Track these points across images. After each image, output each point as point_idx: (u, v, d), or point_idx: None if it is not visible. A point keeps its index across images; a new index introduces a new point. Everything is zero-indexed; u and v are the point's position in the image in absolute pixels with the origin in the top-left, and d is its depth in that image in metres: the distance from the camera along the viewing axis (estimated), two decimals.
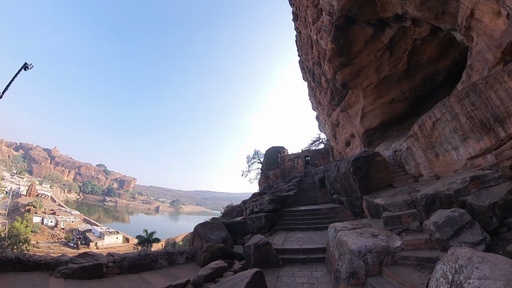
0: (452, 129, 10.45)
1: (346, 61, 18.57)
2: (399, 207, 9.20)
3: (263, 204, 15.12)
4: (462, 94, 10.02)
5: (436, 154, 11.48)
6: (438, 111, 10.98)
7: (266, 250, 10.07)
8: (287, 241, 12.18)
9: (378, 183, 12.59)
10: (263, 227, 14.08)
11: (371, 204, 11.03)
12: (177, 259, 10.95)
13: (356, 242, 6.96)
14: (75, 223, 73.14)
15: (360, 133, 20.04)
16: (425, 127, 11.75)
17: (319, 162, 32.41)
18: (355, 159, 12.31)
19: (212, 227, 13.53)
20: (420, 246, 6.89)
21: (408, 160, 13.55)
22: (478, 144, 9.66)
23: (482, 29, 11.05)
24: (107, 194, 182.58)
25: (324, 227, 13.72)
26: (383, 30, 17.23)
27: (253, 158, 42.22)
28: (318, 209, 15.43)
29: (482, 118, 9.42)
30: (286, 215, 15.55)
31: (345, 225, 9.03)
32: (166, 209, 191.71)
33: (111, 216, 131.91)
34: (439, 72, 17.60)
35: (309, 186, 21.62)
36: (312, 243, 11.43)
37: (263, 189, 27.51)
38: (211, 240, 11.33)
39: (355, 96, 20.29)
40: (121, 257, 9.86)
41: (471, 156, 9.94)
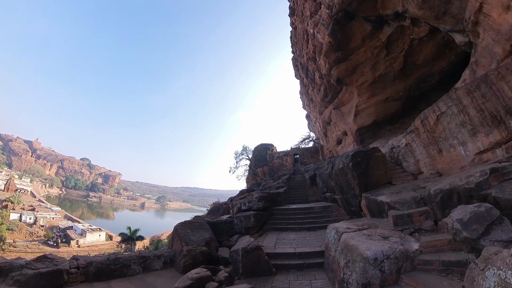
0: (459, 123, 9.51)
1: (343, 57, 17.61)
2: (408, 205, 8.09)
3: (252, 201, 13.70)
4: (473, 86, 9.11)
5: (440, 149, 10.53)
6: (444, 104, 10.03)
7: (257, 255, 8.45)
8: (280, 243, 10.69)
9: (377, 180, 11.51)
10: (252, 227, 12.64)
11: (372, 202, 9.90)
12: (153, 264, 9.59)
13: (370, 247, 5.66)
14: (56, 220, 68.52)
15: (353, 131, 19.11)
16: (428, 122, 10.79)
17: (308, 161, 31.39)
18: (355, 153, 11.19)
19: (194, 227, 12.01)
20: (442, 248, 5.73)
21: (407, 157, 12.59)
22: (487, 138, 8.78)
23: (489, 24, 10.31)
24: (91, 190, 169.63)
25: (318, 227, 12.59)
26: (381, 27, 16.46)
27: (241, 154, 40.49)
28: (310, 207, 14.21)
29: (493, 111, 8.61)
30: (277, 214, 14.23)
31: (349, 225, 7.75)
32: (152, 206, 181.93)
33: (95, 213, 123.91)
34: (433, 74, 17.04)
35: (299, 183, 20.45)
36: (307, 246, 10.03)
37: (251, 186, 26.12)
38: (193, 242, 9.91)
39: (348, 94, 19.37)
40: (87, 262, 8.31)
41: (480, 150, 9.03)
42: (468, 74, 11.98)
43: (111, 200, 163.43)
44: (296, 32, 22.58)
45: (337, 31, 16.98)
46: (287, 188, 18.33)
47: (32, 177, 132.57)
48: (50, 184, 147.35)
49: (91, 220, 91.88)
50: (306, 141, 39.12)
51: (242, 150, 40.29)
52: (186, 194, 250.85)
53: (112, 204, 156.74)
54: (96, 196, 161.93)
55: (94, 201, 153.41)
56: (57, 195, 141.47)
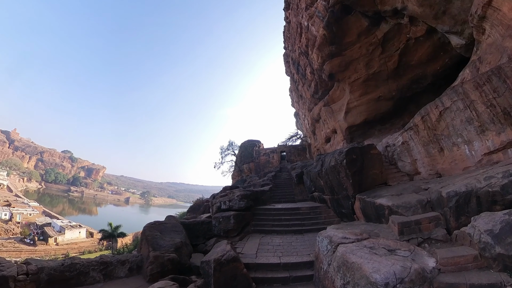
0: (465, 119, 8.32)
1: (337, 51, 16.37)
2: (413, 210, 6.80)
3: (233, 200, 12.08)
4: (482, 80, 7.93)
5: (441, 148, 9.34)
6: (448, 98, 8.84)
7: (233, 268, 6.95)
8: (262, 250, 9.13)
9: (373, 180, 10.26)
10: (231, 229, 11.00)
11: (369, 206, 8.58)
12: (117, 270, 8.20)
13: (378, 268, 4.24)
14: (33, 216, 62.92)
15: (343, 129, 17.89)
16: (429, 118, 9.59)
17: (295, 158, 30.03)
18: (350, 150, 9.87)
19: (165, 228, 10.36)
20: (466, 266, 4.41)
21: (402, 156, 11.38)
22: (498, 136, 7.60)
23: (498, 19, 9.30)
24: (72, 184, 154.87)
25: (305, 230, 11.27)
26: (378, 24, 15.41)
27: (227, 150, 38.04)
28: (297, 208, 12.81)
29: (506, 107, 7.43)
30: (261, 214, 12.73)
31: (345, 234, 6.31)
32: (136, 201, 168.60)
33: (76, 208, 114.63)
34: (426, 75, 16.10)
35: (285, 181, 19.05)
36: (294, 254, 8.56)
37: (235, 183, 24.50)
38: (161, 248, 8.46)
39: (340, 91, 18.15)
40: (38, 268, 6.97)
41: (490, 150, 7.83)
42: (469, 72, 10.92)
43: (94, 194, 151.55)
44: (289, 27, 21.25)
45: (333, 24, 15.75)
46: (272, 186, 16.86)
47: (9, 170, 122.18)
48: (28, 178, 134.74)
49: (73, 216, 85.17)
50: (293, 139, 37.57)
51: (228, 145, 38.17)
52: (171, 190, 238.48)
53: (95, 199, 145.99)
54: (78, 190, 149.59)
55: (75, 196, 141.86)
56: (36, 190, 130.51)
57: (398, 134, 11.54)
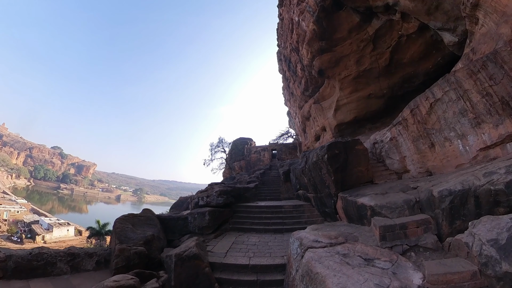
0: (458, 111, 7.14)
1: (327, 47, 15.18)
2: (399, 211, 5.61)
3: (211, 196, 10.90)
4: (477, 66, 6.76)
5: (432, 144, 8.15)
6: (439, 89, 7.65)
7: (195, 266, 6.26)
8: (234, 250, 8.05)
9: (357, 177, 9.05)
10: (206, 226, 9.87)
11: (352, 205, 7.37)
12: (84, 263, 7.74)
13: (345, 285, 3.04)
14: (21, 213, 58.48)
15: (332, 127, 16.67)
16: (419, 111, 8.40)
17: (286, 157, 28.70)
18: (332, 144, 8.69)
19: (138, 221, 9.47)
20: (462, 285, 3.17)
21: (391, 153, 10.18)
22: (496, 129, 6.42)
23: (492, 6, 8.17)
24: (62, 181, 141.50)
25: (286, 229, 10.08)
26: (370, 20, 14.20)
27: (217, 147, 35.29)
28: (280, 206, 11.59)
29: (504, 96, 6.29)
30: (241, 211, 11.54)
31: (318, 237, 5.18)
32: (128, 198, 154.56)
33: (66, 206, 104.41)
34: (418, 74, 14.88)
35: (272, 179, 17.81)
36: (267, 255, 7.42)
37: (224, 180, 23.22)
38: (129, 240, 7.71)
39: (330, 88, 16.95)
40: (6, 256, 6.85)
41: (486, 145, 6.64)
42: (462, 66, 9.69)
43: (84, 192, 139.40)
44: (282, 24, 20.13)
45: (323, 19, 14.58)
46: (259, 183, 15.63)
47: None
48: (17, 175, 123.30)
49: (63, 214, 79.08)
50: (284, 137, 35.69)
51: (218, 142, 35.51)
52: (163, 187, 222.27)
53: (85, 196, 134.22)
54: (67, 188, 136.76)
55: (65, 193, 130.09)
56: (25, 187, 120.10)
57: (387, 130, 10.35)
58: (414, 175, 9.07)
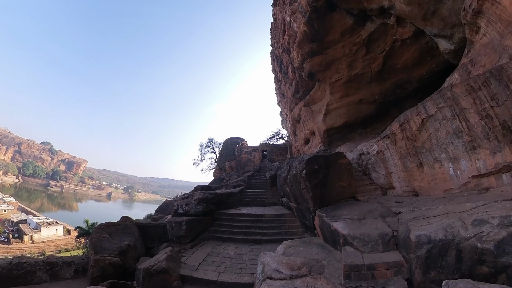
0: (453, 131, 6.03)
1: (318, 49, 13.92)
2: (372, 245, 4.74)
3: (190, 204, 10.02)
4: (478, 83, 5.61)
5: (420, 163, 7.07)
6: (433, 104, 6.51)
7: (162, 280, 5.98)
8: (207, 263, 7.38)
9: (339, 193, 8.03)
10: (183, 235, 9.06)
11: (326, 227, 6.41)
12: (63, 271, 7.55)
13: None
14: (8, 212, 53.80)
15: (321, 131, 15.54)
16: (409, 126, 7.28)
17: (277, 158, 27.61)
18: (311, 159, 7.64)
19: (116, 230, 8.79)
20: None
21: (377, 167, 9.11)
22: (493, 157, 5.36)
23: (497, 14, 7.03)
24: (51, 178, 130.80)
25: (265, 240, 9.20)
26: (363, 23, 12.90)
27: (206, 147, 32.96)
28: (261, 214, 10.63)
29: (507, 120, 5.18)
30: (222, 219, 10.61)
31: (280, 266, 4.47)
32: (119, 196, 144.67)
33: (56, 203, 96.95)
34: (411, 80, 13.69)
35: (260, 183, 16.67)
36: (238, 271, 6.73)
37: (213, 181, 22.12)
38: (104, 251, 7.40)
39: (321, 92, 15.74)
40: None
41: (480, 173, 5.56)
42: (459, 77, 8.57)
43: (74, 189, 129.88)
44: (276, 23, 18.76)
45: (315, 20, 13.27)
46: (245, 187, 14.62)
47: None
48: (4, 171, 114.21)
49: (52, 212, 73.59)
50: (275, 138, 33.78)
51: (207, 142, 33.16)
52: (155, 185, 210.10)
53: (75, 194, 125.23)
54: (57, 185, 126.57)
55: (55, 190, 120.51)
56: (13, 184, 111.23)
57: (374, 142, 9.24)
58: (399, 193, 8.04)
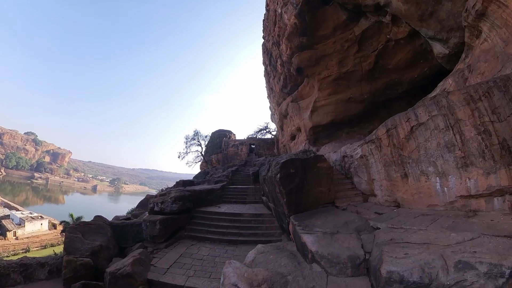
0: (444, 144, 5.12)
1: (308, 44, 12.66)
2: (340, 268, 4.13)
3: (166, 202, 9.07)
4: (478, 92, 4.67)
5: (405, 174, 6.20)
6: (425, 111, 5.54)
7: (127, 284, 5.69)
8: (177, 265, 6.76)
9: (316, 198, 7.17)
10: (157, 235, 8.19)
11: (297, 237, 5.70)
12: (37, 273, 7.22)
13: None
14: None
15: (307, 128, 14.54)
16: (396, 133, 6.33)
17: (264, 152, 26.55)
18: (286, 162, 6.73)
19: (89, 230, 8.14)
20: None
21: (359, 172, 8.25)
22: (486, 178, 4.50)
23: (503, 18, 5.97)
24: (36, 169, 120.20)
25: (241, 241, 8.35)
26: (357, 19, 11.67)
27: (192, 140, 30.90)
28: (239, 214, 9.75)
29: (507, 139, 4.28)
30: (200, 217, 9.73)
31: (239, 280, 4.02)
32: (105, 189, 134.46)
33: (41, 196, 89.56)
34: (402, 82, 12.68)
35: (243, 178, 15.74)
36: (207, 276, 6.13)
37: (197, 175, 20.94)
38: (77, 251, 6.99)
39: (309, 88, 14.61)
40: None
41: (469, 194, 4.70)
42: (453, 83, 7.59)
43: (60, 181, 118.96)
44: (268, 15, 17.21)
45: (306, 13, 11.96)
46: (227, 183, 13.65)
47: None
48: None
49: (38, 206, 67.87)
50: (262, 132, 32.19)
51: (193, 135, 31.12)
52: (143, 177, 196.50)
53: (61, 186, 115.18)
54: (42, 177, 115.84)
55: (40, 183, 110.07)
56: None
57: (358, 145, 8.31)
58: (380, 202, 7.23)
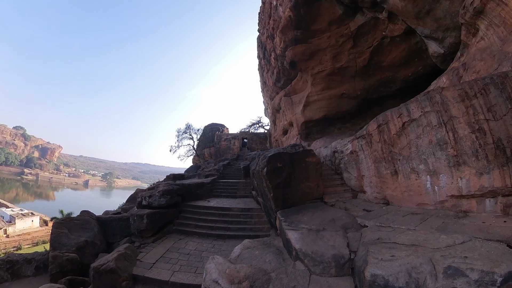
0: (436, 141, 4.82)
1: (302, 37, 12.17)
2: (323, 267, 3.87)
3: (153, 196, 8.67)
4: (474, 89, 4.36)
5: (395, 171, 5.92)
6: (418, 107, 5.22)
7: (111, 280, 5.45)
8: (164, 260, 6.44)
9: (304, 194, 6.89)
10: (144, 229, 7.85)
11: (283, 233, 5.45)
12: (24, 269, 7.10)
13: None
14: None
15: (299, 123, 14.17)
16: (387, 129, 6.02)
17: (256, 146, 26.09)
18: (274, 156, 6.41)
19: (75, 225, 7.84)
20: None
21: (349, 168, 7.97)
22: (478, 178, 4.23)
23: (501, 17, 5.70)
24: (26, 165, 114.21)
25: (229, 236, 8.02)
26: (353, 15, 11.24)
27: (184, 133, 29.55)
28: (228, 208, 9.41)
29: (502, 138, 3.95)
30: (188, 211, 9.37)
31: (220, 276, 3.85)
32: (97, 184, 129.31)
33: (32, 193, 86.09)
34: (396, 80, 12.41)
35: (234, 172, 15.38)
36: (193, 271, 5.84)
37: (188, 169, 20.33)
38: (63, 247, 6.83)
39: (303, 82, 14.18)
40: None
41: (460, 194, 4.43)
42: (447, 81, 7.29)
43: (49, 177, 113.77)
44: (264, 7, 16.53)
45: (301, 6, 11.43)
46: (218, 177, 13.24)
47: None
48: None
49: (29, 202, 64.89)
50: (255, 126, 30.89)
51: (185, 128, 29.72)
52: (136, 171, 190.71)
53: (51, 182, 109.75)
54: (32, 173, 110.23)
55: (30, 179, 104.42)
56: None
57: (349, 141, 8.00)
58: (370, 199, 6.98)
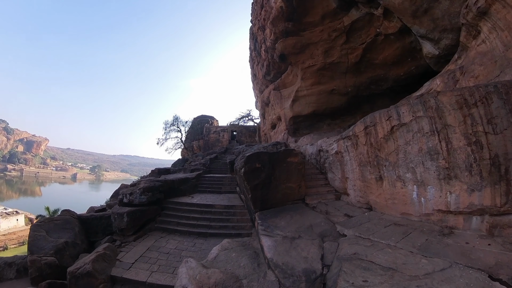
0: (427, 150, 4.33)
1: (293, 30, 11.32)
2: (293, 280, 3.48)
3: (134, 194, 8.04)
4: (475, 97, 3.79)
5: (380, 177, 5.44)
6: (409, 111, 4.67)
7: (88, 283, 5.10)
8: (143, 259, 6.08)
9: (285, 195, 6.42)
10: (125, 228, 7.32)
11: (258, 238, 5.00)
12: (5, 272, 6.61)
13: None
14: None
15: (287, 118, 13.54)
16: (375, 131, 5.48)
17: (246, 139, 25.36)
18: (252, 156, 5.91)
19: (55, 226, 7.33)
20: None
21: (334, 168, 7.49)
22: (469, 195, 3.75)
23: (507, 20, 5.11)
24: (9, 161, 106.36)
25: (211, 234, 7.53)
26: (348, 9, 10.57)
27: (172, 125, 28.01)
28: (211, 205, 8.85)
29: (500, 155, 3.43)
30: (171, 208, 8.78)
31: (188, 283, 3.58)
32: (85, 177, 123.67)
33: (16, 190, 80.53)
34: (388, 79, 11.90)
35: (221, 166, 14.52)
36: (170, 271, 5.50)
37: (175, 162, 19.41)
38: (40, 250, 6.32)
39: (293, 76, 13.43)
40: None
41: (448, 209, 3.97)
42: (441, 83, 6.74)
43: (35, 172, 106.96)
44: None
45: None
46: (203, 171, 12.54)
47: None
48: None
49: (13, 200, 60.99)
50: (245, 119, 29.76)
51: (172, 120, 28.18)
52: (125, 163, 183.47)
53: (37, 177, 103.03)
54: (16, 168, 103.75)
55: (13, 175, 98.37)
56: None
57: (334, 141, 7.46)
58: (353, 202, 6.54)
